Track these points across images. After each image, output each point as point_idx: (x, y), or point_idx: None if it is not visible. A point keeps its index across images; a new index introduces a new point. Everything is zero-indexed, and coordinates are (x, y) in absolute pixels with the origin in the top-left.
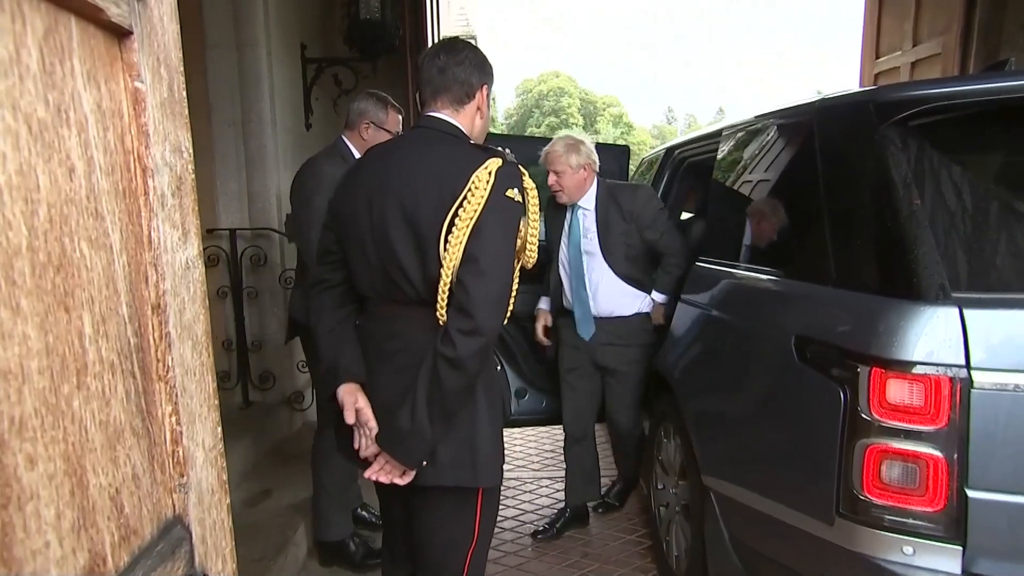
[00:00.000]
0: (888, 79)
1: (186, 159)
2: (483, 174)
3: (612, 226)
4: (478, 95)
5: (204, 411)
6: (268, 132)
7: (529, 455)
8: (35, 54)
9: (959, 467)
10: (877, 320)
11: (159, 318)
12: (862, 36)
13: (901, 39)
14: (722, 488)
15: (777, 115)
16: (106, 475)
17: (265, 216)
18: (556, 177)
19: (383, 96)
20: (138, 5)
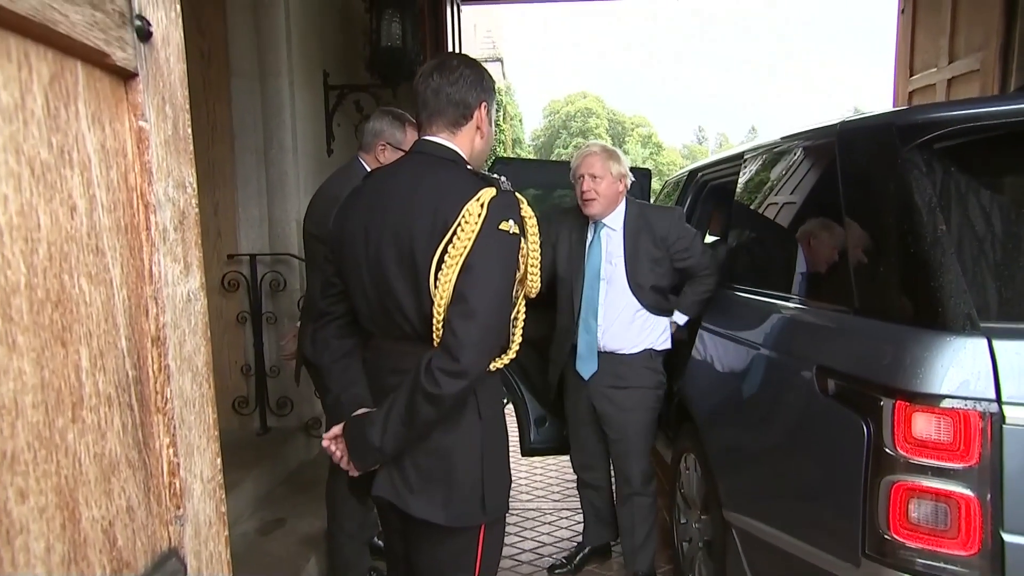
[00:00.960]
0: (923, 97)
1: (189, 194)
2: (475, 206)
3: (641, 251)
4: (476, 114)
5: (203, 443)
6: (289, 159)
7: (549, 485)
8: (40, 99)
9: (993, 508)
10: (901, 351)
11: (159, 350)
12: (895, 53)
13: (936, 55)
14: (744, 524)
15: (798, 137)
16: (99, 508)
17: (285, 242)
18: (592, 183)
19: (399, 113)
20: (144, 48)
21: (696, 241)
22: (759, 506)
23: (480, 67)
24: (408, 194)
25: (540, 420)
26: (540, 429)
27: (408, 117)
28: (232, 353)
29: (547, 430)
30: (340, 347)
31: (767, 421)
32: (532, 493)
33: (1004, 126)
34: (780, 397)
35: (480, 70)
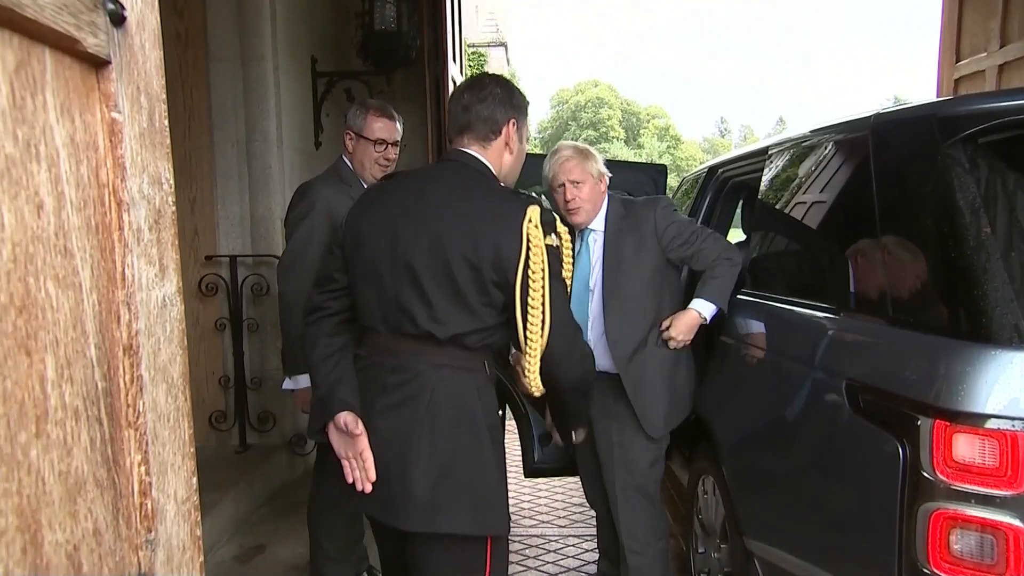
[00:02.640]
0: (971, 85)
1: (166, 191)
2: (533, 230)
3: (626, 256)
4: (504, 131)
5: (178, 460)
6: (273, 151)
7: (554, 509)
8: (4, 89)
9: None
10: (940, 365)
11: (131, 360)
12: (940, 36)
13: (986, 39)
14: (768, 554)
15: (828, 131)
16: (64, 530)
17: (268, 242)
18: (575, 190)
19: (366, 101)
20: (117, 33)
21: (691, 227)
22: (785, 534)
23: (511, 86)
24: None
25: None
26: (544, 448)
27: (377, 105)
28: (209, 363)
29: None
30: (331, 344)
31: (793, 440)
32: (536, 518)
33: None
34: (807, 414)
35: (511, 89)
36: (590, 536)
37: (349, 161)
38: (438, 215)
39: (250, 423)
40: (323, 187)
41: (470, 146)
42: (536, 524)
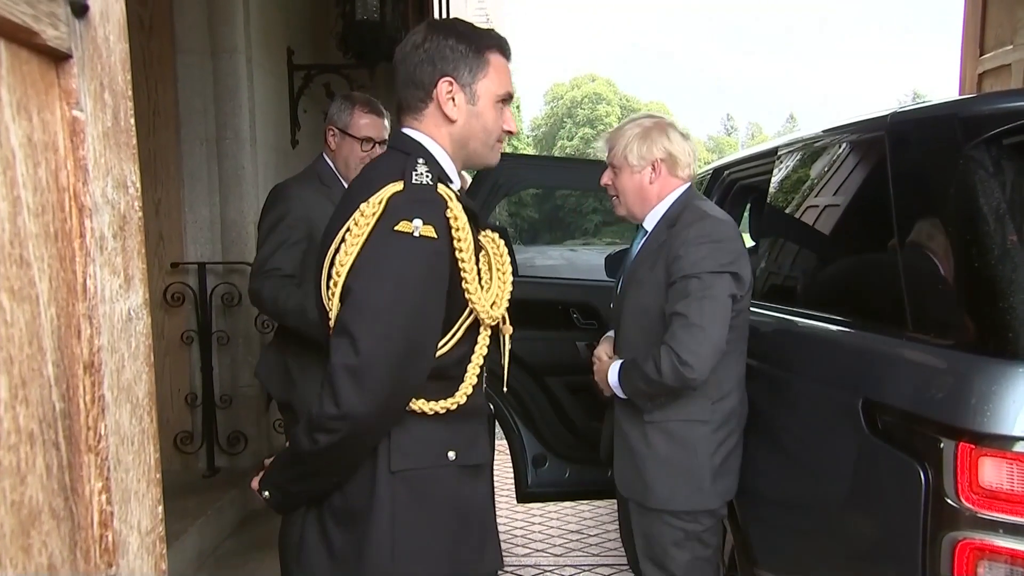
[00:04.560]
0: (995, 80)
1: (132, 195)
2: (369, 206)
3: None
4: (435, 91)
5: (142, 487)
6: (246, 150)
7: (549, 536)
8: None
9: None
10: (964, 383)
11: (92, 379)
12: (963, 28)
13: (1012, 31)
14: None
15: (842, 131)
16: (15, 566)
17: (241, 248)
18: (609, 176)
19: (351, 94)
20: (79, 25)
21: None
22: (799, 565)
23: (446, 30)
24: (346, 194)
25: (539, 459)
26: (539, 470)
27: (363, 99)
28: (175, 379)
29: (547, 472)
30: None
31: (807, 463)
32: (529, 547)
33: None
34: (821, 435)
35: (443, 34)
36: (587, 566)
37: (331, 160)
38: (335, 215)
39: (219, 445)
40: (299, 189)
41: (404, 123)
42: (530, 553)
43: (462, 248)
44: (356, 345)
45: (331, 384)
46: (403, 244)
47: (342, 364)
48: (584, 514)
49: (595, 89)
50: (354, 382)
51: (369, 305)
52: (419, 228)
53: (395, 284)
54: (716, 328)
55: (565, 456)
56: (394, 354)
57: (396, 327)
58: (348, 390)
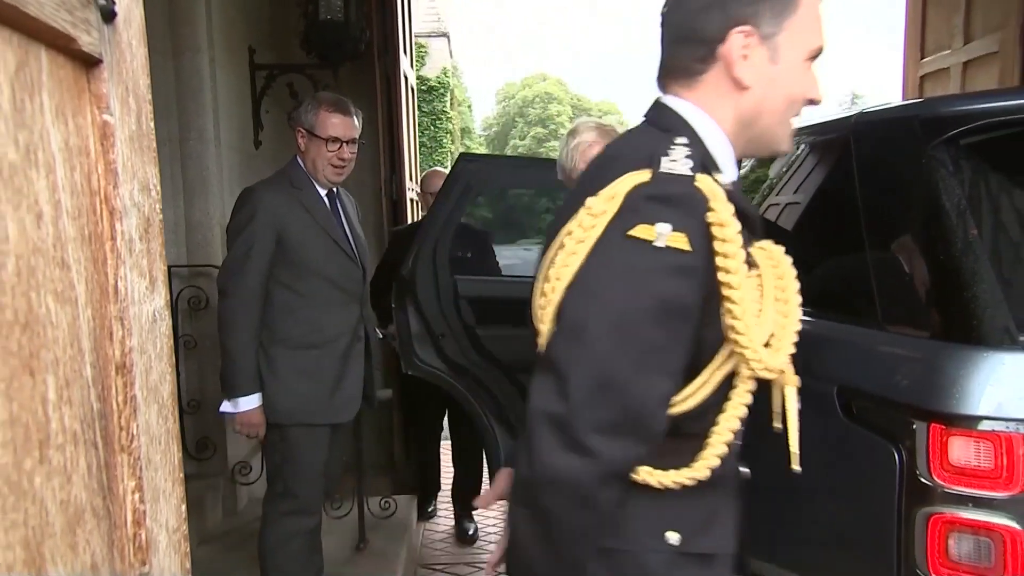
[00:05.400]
0: (936, 82)
1: (154, 198)
2: (601, 200)
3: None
4: (724, 47)
5: (168, 486)
6: (211, 151)
7: None
8: (7, 91)
9: None
10: (933, 369)
11: (124, 379)
12: (905, 32)
13: (950, 36)
14: (765, 571)
15: (807, 130)
16: (65, 564)
17: (206, 251)
18: None
19: (318, 95)
20: (107, 30)
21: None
22: (780, 549)
23: None
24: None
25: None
26: None
27: (331, 98)
28: None
29: None
30: None
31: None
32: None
33: None
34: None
35: None
36: None
37: (302, 163)
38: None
39: (187, 451)
40: (267, 193)
41: (669, 91)
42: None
43: (728, 267)
44: (564, 387)
45: (529, 435)
46: (639, 256)
47: (543, 411)
48: None
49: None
50: (559, 436)
51: (585, 337)
52: (665, 235)
53: (622, 311)
54: None
55: None
56: (615, 406)
57: (620, 369)
58: (550, 446)
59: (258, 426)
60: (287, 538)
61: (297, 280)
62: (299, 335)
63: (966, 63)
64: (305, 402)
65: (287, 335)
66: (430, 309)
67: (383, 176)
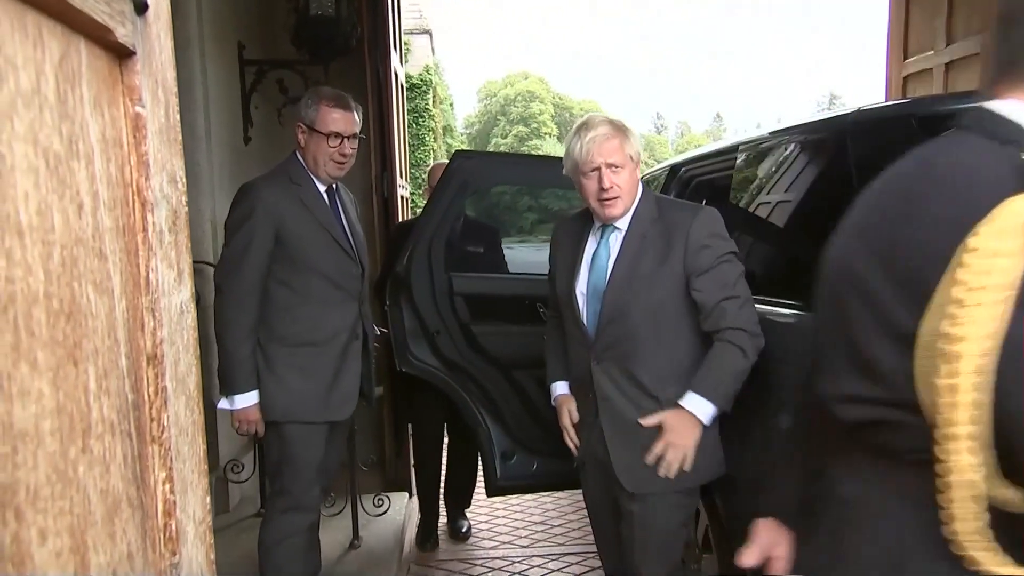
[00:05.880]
0: (919, 83)
1: (180, 190)
2: (994, 237)
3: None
4: None
5: (195, 477)
6: (202, 147)
7: (515, 529)
8: (52, 82)
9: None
10: None
11: (155, 370)
12: (887, 33)
13: (933, 37)
14: None
15: (804, 129)
16: (105, 553)
17: (198, 247)
18: (613, 176)
19: (318, 89)
20: (140, 22)
21: (734, 269)
22: None
23: None
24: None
25: (507, 454)
26: (507, 464)
27: (330, 93)
28: None
29: (515, 465)
30: None
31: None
32: (496, 539)
33: None
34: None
35: None
36: (555, 555)
37: (302, 158)
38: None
39: None
40: (265, 188)
41: (1007, 94)
42: (497, 546)
43: None
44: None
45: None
46: None
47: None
48: (547, 505)
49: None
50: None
51: None
52: None
53: None
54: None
55: (532, 449)
56: None
57: None
58: None
59: (255, 423)
60: (285, 536)
61: (295, 277)
62: (297, 333)
63: (948, 64)
64: (302, 400)
65: (285, 333)
66: (425, 306)
67: (374, 173)
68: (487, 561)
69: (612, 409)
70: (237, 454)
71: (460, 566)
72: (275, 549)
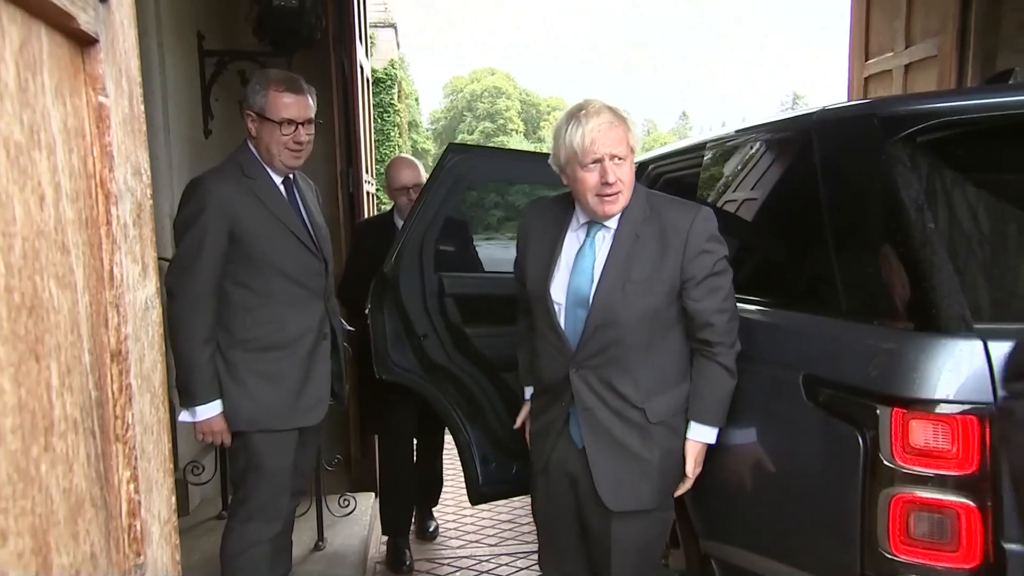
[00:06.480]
0: (879, 83)
1: (145, 183)
2: None
3: (638, 267)
4: None
5: (160, 477)
6: (160, 140)
7: (482, 528)
8: (12, 70)
9: (993, 517)
10: (895, 356)
11: (119, 367)
12: (850, 34)
13: (892, 39)
14: (727, 554)
15: (770, 128)
16: (68, 554)
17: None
18: (615, 169)
19: (265, 72)
20: (103, 10)
21: (725, 274)
22: (744, 533)
23: None
24: None
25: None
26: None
27: (282, 76)
28: None
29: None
30: None
31: (749, 438)
32: (463, 539)
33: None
34: (763, 410)
35: None
36: (522, 554)
37: (254, 148)
38: None
39: None
40: (216, 183)
41: None
42: (464, 545)
43: None
44: None
45: None
46: None
47: None
48: (514, 503)
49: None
50: None
51: None
52: None
53: None
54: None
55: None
56: None
57: None
58: None
59: (220, 433)
60: (248, 545)
61: (254, 277)
62: (259, 336)
63: (907, 66)
64: (269, 407)
65: (246, 337)
66: (413, 308)
67: (339, 169)
68: (454, 560)
69: (593, 420)
70: (197, 455)
71: (427, 565)
72: (237, 559)
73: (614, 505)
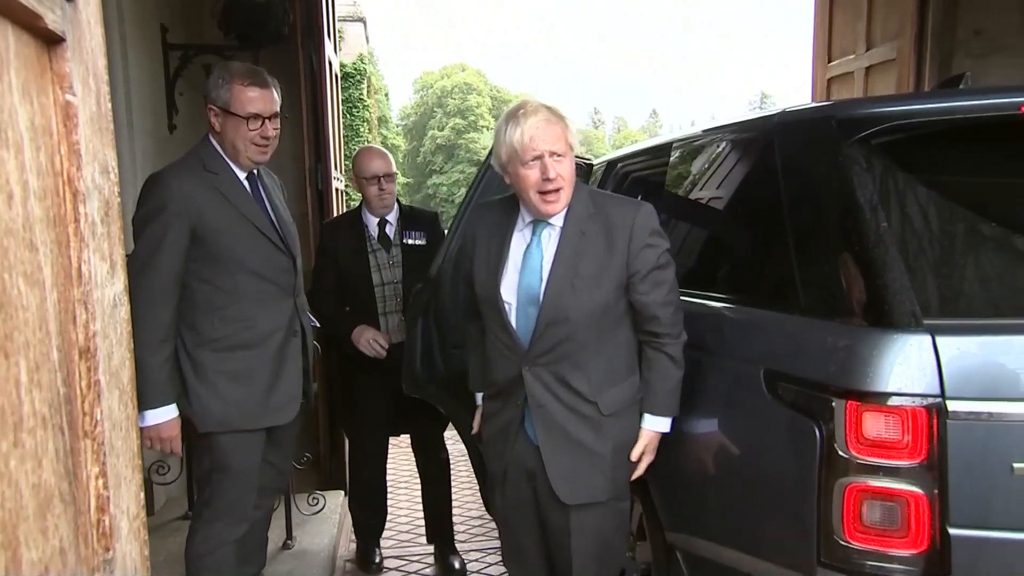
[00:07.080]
0: (842, 85)
1: (113, 180)
2: None
3: (585, 263)
4: None
5: (129, 472)
6: (123, 135)
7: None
8: None
9: (940, 504)
10: (850, 351)
11: (88, 364)
12: (813, 36)
13: (854, 41)
14: (691, 545)
15: (734, 128)
16: (37, 548)
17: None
18: (556, 165)
19: (227, 65)
20: (70, 8)
21: (670, 270)
22: (707, 524)
23: None
24: None
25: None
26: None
27: (246, 69)
28: None
29: None
30: None
31: (713, 430)
32: None
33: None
34: (726, 404)
35: None
36: (491, 549)
37: (218, 144)
38: None
39: None
40: (177, 178)
41: None
42: None
43: None
44: None
45: None
46: None
47: None
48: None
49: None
50: None
51: None
52: None
53: None
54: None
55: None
56: None
57: None
58: None
59: (169, 441)
60: (214, 547)
61: (220, 275)
62: (227, 335)
63: (868, 68)
64: (240, 407)
65: (214, 336)
66: (454, 317)
67: (308, 166)
68: (423, 556)
69: (547, 416)
70: (162, 455)
71: (396, 563)
72: (203, 560)
73: (569, 499)
